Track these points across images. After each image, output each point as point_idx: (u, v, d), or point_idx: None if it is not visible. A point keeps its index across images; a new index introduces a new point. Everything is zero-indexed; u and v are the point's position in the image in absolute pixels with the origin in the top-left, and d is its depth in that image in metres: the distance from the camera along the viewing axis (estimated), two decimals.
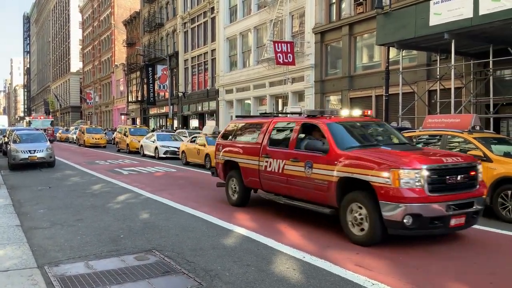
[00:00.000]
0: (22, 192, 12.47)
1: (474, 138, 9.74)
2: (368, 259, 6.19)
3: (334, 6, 26.05)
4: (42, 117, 54.17)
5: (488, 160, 9.05)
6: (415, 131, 11.86)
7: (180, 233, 7.62)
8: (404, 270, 5.81)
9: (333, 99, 26.65)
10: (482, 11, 13.78)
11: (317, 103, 26.75)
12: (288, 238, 7.31)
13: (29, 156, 18.59)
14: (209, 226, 8.14)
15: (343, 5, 25.33)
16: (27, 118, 55.46)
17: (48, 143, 20.30)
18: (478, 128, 10.55)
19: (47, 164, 19.21)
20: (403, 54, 18.91)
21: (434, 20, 15.30)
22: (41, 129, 38.61)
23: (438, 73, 18.66)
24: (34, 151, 18.82)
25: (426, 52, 19.97)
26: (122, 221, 8.60)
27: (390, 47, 19.13)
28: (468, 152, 9.10)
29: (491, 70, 17.17)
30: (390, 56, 19.83)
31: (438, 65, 18.70)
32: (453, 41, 15.35)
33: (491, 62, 16.58)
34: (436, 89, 18.69)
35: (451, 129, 10.40)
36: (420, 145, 10.43)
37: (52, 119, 58.14)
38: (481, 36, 15.62)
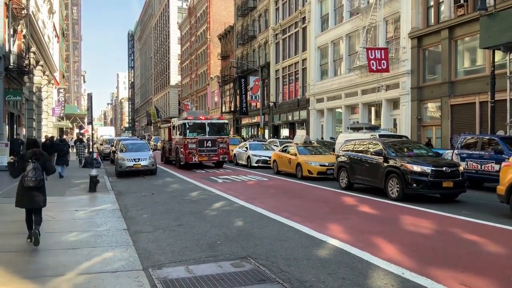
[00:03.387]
0: (128, 198, 13.45)
1: None
2: (475, 278, 5.75)
3: (432, 9, 24.84)
4: (203, 117, 24.49)
5: None
6: None
7: (274, 242, 7.69)
8: None
9: (431, 106, 25.32)
10: None
11: (414, 111, 25.60)
12: (384, 252, 7.04)
13: (134, 164, 20.01)
14: (302, 236, 8.11)
15: (442, 8, 24.06)
16: (176, 120, 26.25)
17: (151, 152, 21.69)
18: None
19: (150, 171, 20.53)
20: (510, 57, 17.52)
21: None
22: (207, 140, 23.08)
23: None
24: (139, 159, 20.22)
25: None
26: (218, 227, 8.90)
27: (495, 50, 17.83)
28: None
29: None
30: (496, 60, 18.46)
31: None
32: None
33: None
34: None
35: None
36: None
37: (226, 121, 25.99)
38: None
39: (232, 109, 57.60)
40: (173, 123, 26.16)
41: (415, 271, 6.00)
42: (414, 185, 12.15)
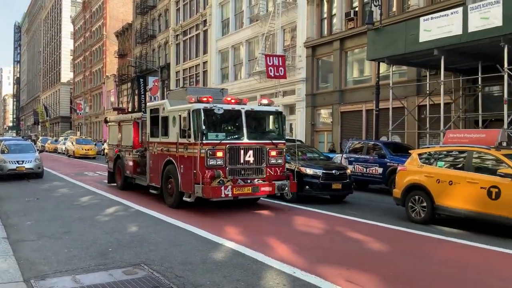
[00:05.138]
0: (9, 204, 12.28)
1: (503, 155, 8.93)
2: (359, 275, 6.17)
3: (326, 21, 26.35)
4: (234, 100, 11.73)
5: None
6: (434, 147, 11.33)
7: (169, 246, 7.54)
8: (395, 286, 5.80)
9: (324, 112, 26.80)
10: (471, 28, 14.05)
11: (308, 116, 26.87)
12: (278, 252, 7.27)
13: (17, 167, 18.38)
14: (199, 240, 8.06)
15: (334, 20, 25.62)
16: (166, 105, 12.19)
17: (37, 153, 20.11)
18: (504, 144, 9.75)
19: (35, 175, 19.02)
20: (393, 69, 19.13)
21: (424, 36, 15.55)
22: (247, 149, 10.95)
23: (428, 89, 18.89)
24: (23, 161, 18.63)
25: (416, 68, 20.22)
26: (110, 234, 8.50)
27: (381, 62, 19.36)
28: (498, 171, 8.61)
29: (479, 86, 17.42)
30: (381, 71, 20.05)
31: (428, 81, 18.93)
32: (442, 57, 15.59)
33: (479, 78, 16.84)
34: (426, 104, 18.89)
35: (476, 145, 9.55)
36: (442, 163, 10.07)
37: (279, 109, 13.23)
38: (470, 53, 15.91)
39: (130, 110, 55.53)
40: (158, 112, 12.76)
41: (306, 269, 6.27)
42: (307, 187, 12.73)
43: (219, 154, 10.65)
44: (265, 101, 12.12)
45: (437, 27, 15.09)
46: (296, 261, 6.74)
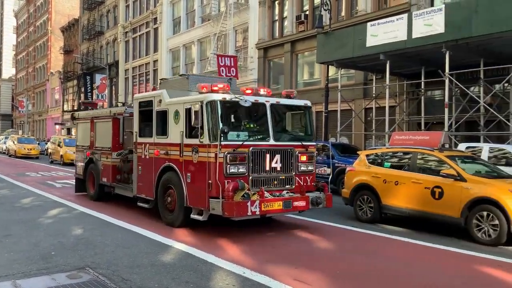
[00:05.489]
0: None
1: (446, 156, 9.36)
2: (307, 274, 6.26)
3: (277, 23, 26.61)
4: (263, 91, 9.45)
5: (462, 179, 8.69)
6: (381, 148, 11.56)
7: (116, 249, 7.34)
8: (342, 284, 5.93)
9: None
10: (415, 35, 14.65)
11: None
12: (228, 253, 7.24)
13: None
14: (147, 242, 7.90)
15: (286, 23, 25.94)
16: (164, 96, 9.62)
17: None
18: (447, 146, 10.21)
19: None
20: (341, 73, 19.61)
21: (371, 41, 16.06)
22: (274, 152, 8.55)
23: (374, 92, 19.51)
24: None
25: (363, 72, 20.83)
26: (53, 237, 8.15)
27: (330, 65, 19.80)
28: (441, 171, 8.96)
29: (422, 91, 18.22)
30: (330, 74, 20.50)
31: (374, 84, 19.55)
32: (388, 62, 16.16)
33: (422, 83, 17.60)
34: (372, 107, 19.49)
35: (421, 147, 9.91)
36: (388, 164, 10.36)
37: (308, 102, 10.19)
38: (415, 58, 16.60)
39: (75, 108, 53.64)
40: (152, 105, 10.15)
41: (255, 269, 6.28)
42: None
43: (241, 159, 8.37)
44: (284, 96, 9.93)
45: (383, 33, 15.63)
46: (245, 261, 6.74)
